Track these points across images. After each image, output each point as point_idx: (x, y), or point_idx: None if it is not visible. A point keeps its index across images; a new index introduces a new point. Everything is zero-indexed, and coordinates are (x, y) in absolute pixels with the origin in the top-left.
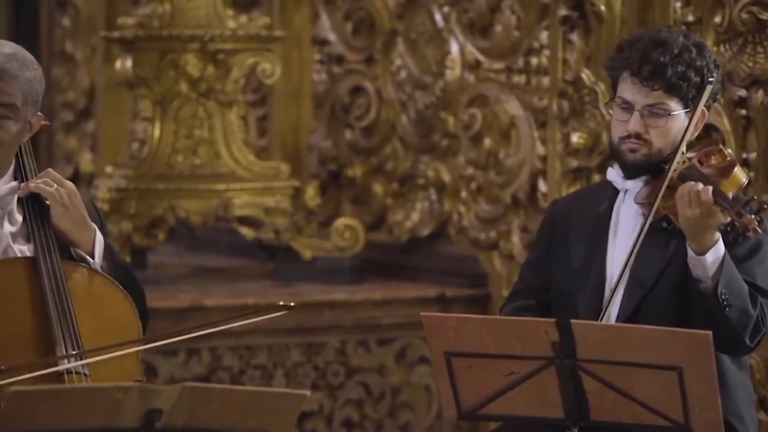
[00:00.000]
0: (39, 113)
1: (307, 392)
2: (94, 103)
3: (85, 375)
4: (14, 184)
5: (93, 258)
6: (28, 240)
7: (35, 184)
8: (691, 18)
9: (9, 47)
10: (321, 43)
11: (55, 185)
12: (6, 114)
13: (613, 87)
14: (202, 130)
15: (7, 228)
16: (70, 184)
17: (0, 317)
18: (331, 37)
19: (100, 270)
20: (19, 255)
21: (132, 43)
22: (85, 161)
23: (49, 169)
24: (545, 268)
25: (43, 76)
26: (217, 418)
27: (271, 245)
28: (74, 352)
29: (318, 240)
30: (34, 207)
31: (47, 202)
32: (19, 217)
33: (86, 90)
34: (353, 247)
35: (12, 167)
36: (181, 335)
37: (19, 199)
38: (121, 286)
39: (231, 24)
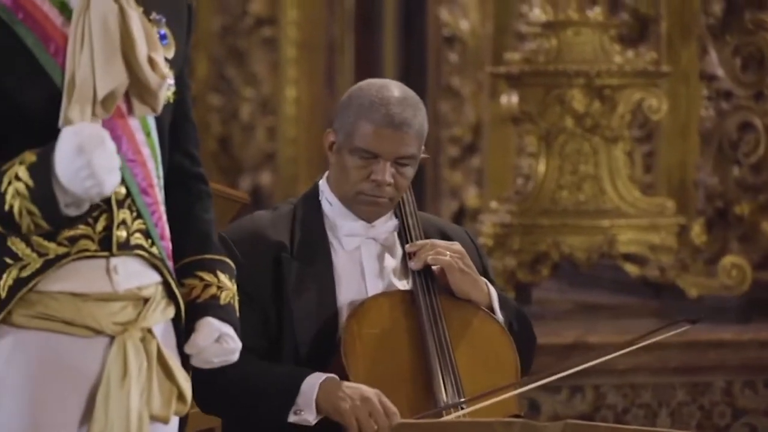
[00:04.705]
0: None
1: None
2: (480, 139)
3: (461, 407)
4: (395, 222)
5: (493, 312)
6: (405, 276)
7: (432, 257)
8: None
9: (397, 89)
10: (709, 78)
11: (448, 253)
12: (406, 163)
13: None
14: (587, 165)
15: (389, 262)
16: (457, 245)
17: (380, 348)
18: (720, 72)
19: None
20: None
21: (518, 79)
22: (471, 196)
23: (434, 240)
24: None
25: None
26: None
27: (656, 282)
28: (458, 401)
29: (704, 278)
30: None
31: (434, 267)
32: (399, 251)
33: (472, 125)
34: (740, 285)
35: None
36: (567, 370)
37: (399, 233)
38: (497, 319)
39: (617, 59)
